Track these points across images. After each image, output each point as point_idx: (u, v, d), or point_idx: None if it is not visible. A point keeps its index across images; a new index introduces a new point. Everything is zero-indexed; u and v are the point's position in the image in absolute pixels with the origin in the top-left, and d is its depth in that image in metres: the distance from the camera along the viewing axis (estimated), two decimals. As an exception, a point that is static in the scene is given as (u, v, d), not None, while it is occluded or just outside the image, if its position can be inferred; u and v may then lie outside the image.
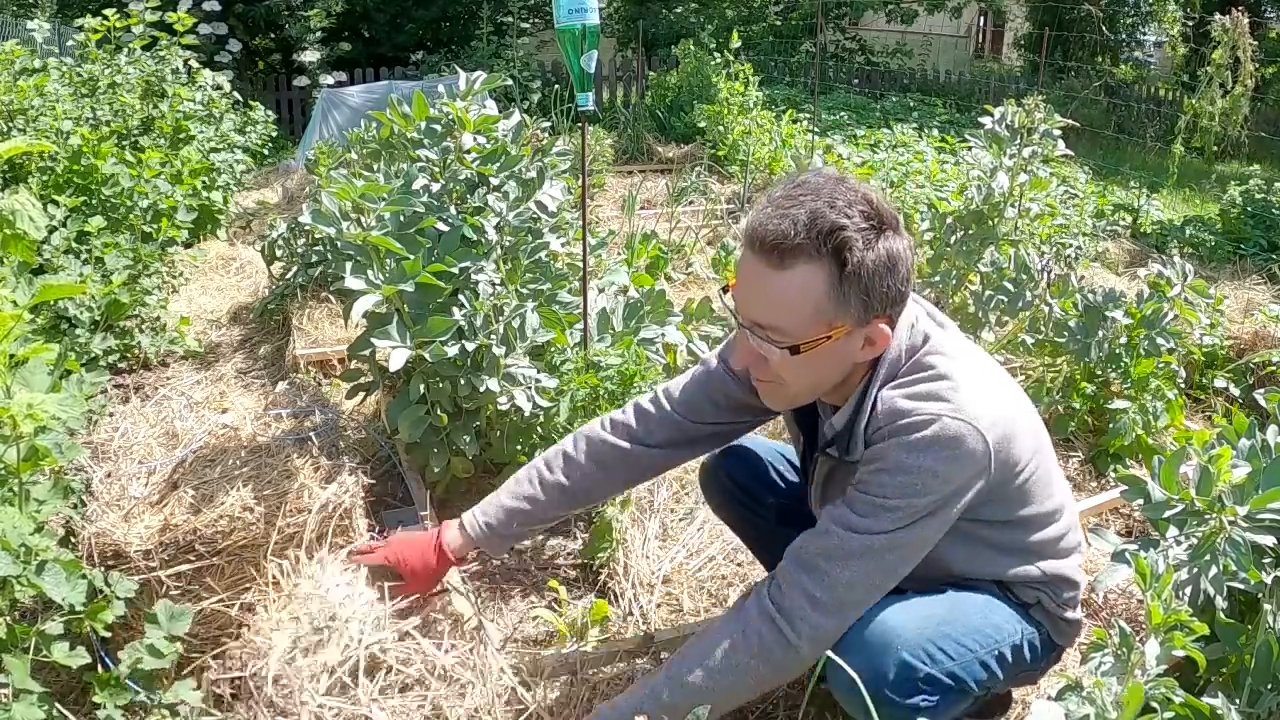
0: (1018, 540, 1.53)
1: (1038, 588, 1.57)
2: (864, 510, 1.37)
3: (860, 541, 1.36)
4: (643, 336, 2.61)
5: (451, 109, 2.47)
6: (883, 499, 1.36)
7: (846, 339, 1.36)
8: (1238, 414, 1.71)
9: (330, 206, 2.12)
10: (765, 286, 1.33)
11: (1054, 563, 1.56)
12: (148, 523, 2.19)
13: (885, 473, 1.35)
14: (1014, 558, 1.54)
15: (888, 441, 1.36)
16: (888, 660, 1.36)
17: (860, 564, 1.37)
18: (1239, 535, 1.45)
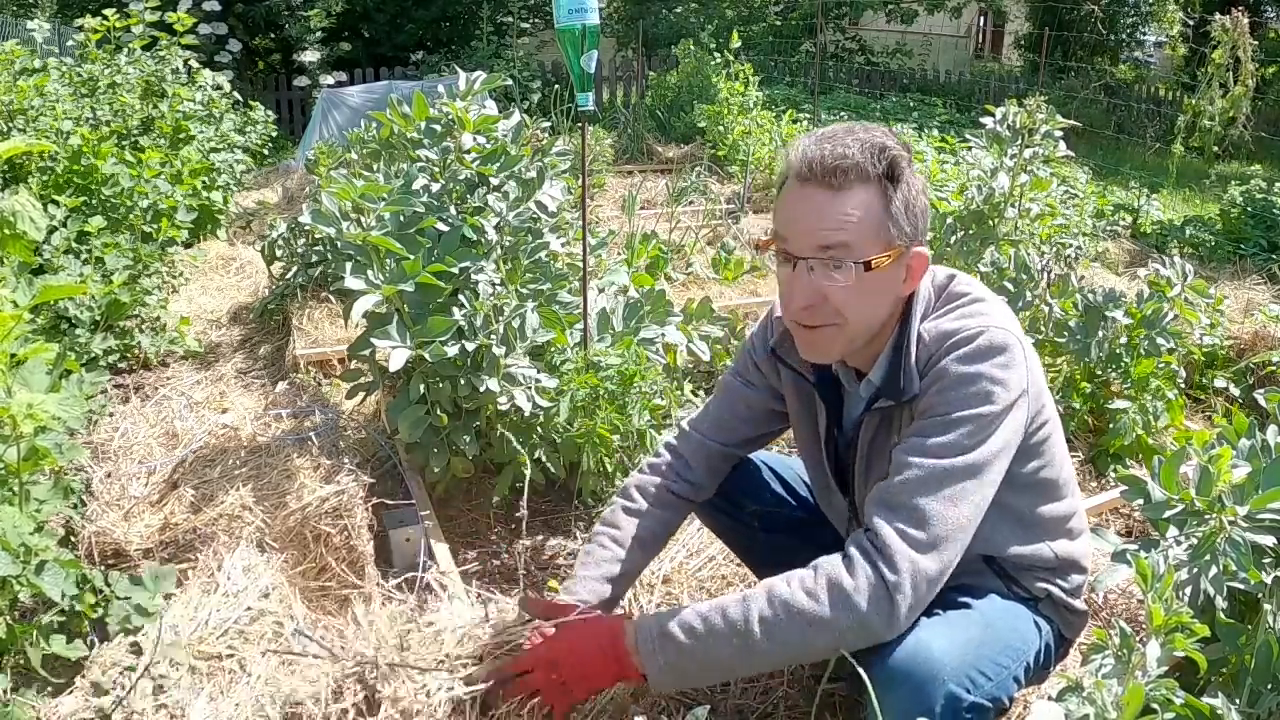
0: (1031, 509, 1.50)
1: (1048, 576, 1.53)
2: (937, 433, 1.34)
3: (944, 466, 1.32)
4: (643, 336, 2.61)
5: (451, 109, 2.47)
6: (953, 416, 1.34)
7: (897, 263, 1.38)
8: (1238, 414, 1.71)
9: (330, 206, 2.12)
10: (829, 210, 1.34)
11: (1064, 544, 1.54)
12: (148, 522, 2.20)
13: (949, 389, 1.35)
14: (1028, 533, 1.51)
15: (943, 361, 1.37)
16: (935, 692, 1.29)
17: (950, 491, 1.32)
18: (1239, 535, 1.45)
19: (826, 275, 1.36)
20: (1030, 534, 1.52)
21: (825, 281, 1.36)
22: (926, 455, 1.34)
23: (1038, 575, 1.53)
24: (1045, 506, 1.52)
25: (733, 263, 4.46)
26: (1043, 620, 1.54)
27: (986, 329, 1.37)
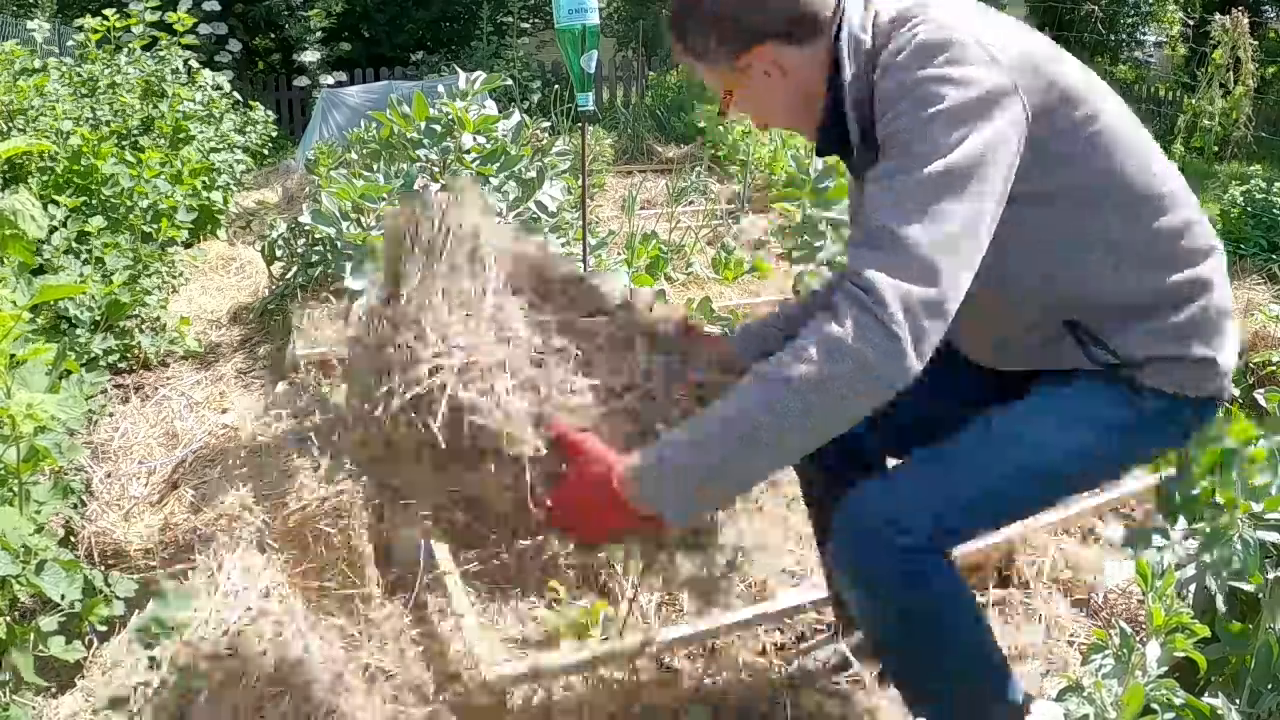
0: (1104, 233, 1.31)
1: (1151, 326, 1.32)
2: (896, 154, 1.21)
3: (912, 181, 1.17)
4: (643, 336, 2.61)
5: (451, 109, 2.47)
6: (903, 130, 1.21)
7: (747, 79, 1.40)
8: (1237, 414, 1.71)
9: (330, 206, 2.12)
10: None
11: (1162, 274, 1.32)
12: (148, 522, 2.20)
13: (901, 99, 1.22)
14: (1108, 267, 1.32)
15: (886, 80, 1.26)
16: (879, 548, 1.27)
17: (925, 206, 1.15)
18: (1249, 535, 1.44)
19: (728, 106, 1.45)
20: (1109, 267, 1.32)
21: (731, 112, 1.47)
22: (892, 178, 1.20)
23: (1130, 328, 1.33)
24: (1126, 218, 1.32)
25: (733, 263, 4.46)
26: (1143, 398, 1.33)
27: (913, 37, 1.25)
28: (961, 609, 1.37)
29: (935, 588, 1.32)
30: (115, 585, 1.78)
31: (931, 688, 1.41)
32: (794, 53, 1.37)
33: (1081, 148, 1.29)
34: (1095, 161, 1.30)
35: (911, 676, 1.43)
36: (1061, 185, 1.30)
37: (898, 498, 1.34)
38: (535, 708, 1.81)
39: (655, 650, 1.92)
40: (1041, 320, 1.38)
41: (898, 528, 1.28)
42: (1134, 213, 1.33)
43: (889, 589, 1.31)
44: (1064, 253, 1.33)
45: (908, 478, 1.39)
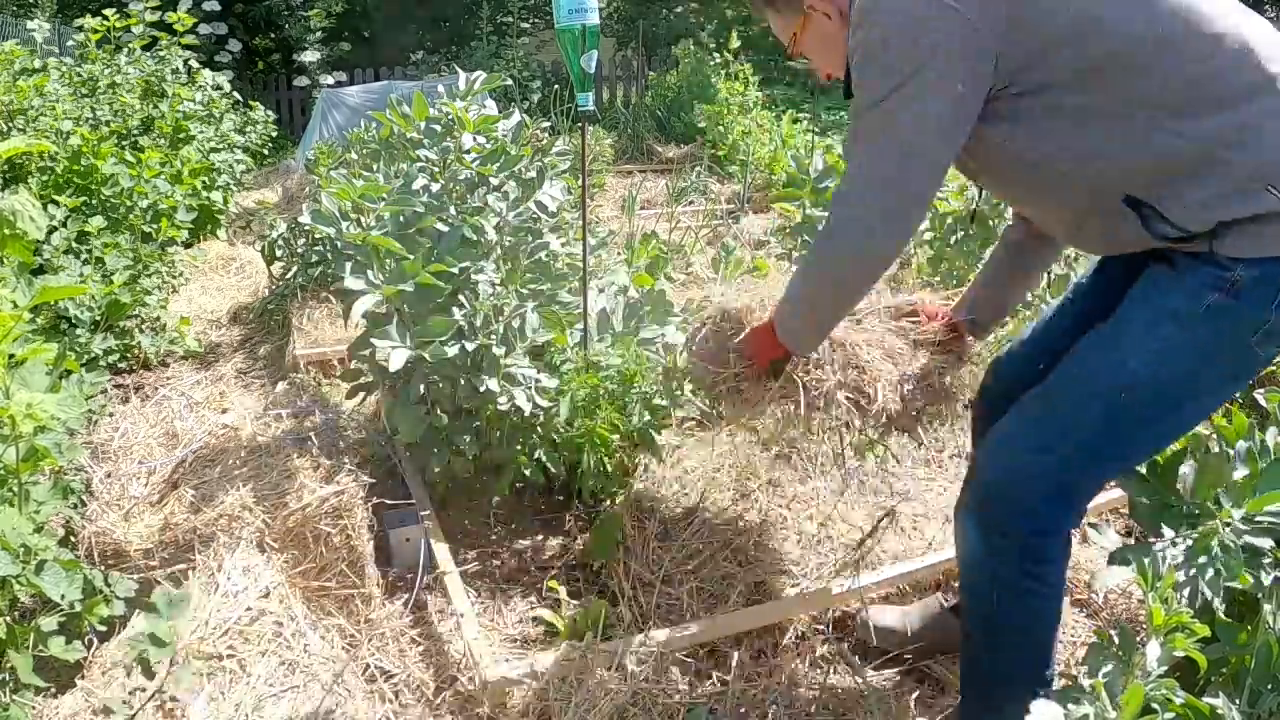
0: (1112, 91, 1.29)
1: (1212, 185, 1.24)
2: (854, 101, 1.47)
3: (858, 123, 1.45)
4: (643, 336, 2.61)
5: (451, 109, 2.46)
6: (858, 81, 1.44)
7: (811, 23, 1.64)
8: (1237, 414, 1.71)
9: (330, 206, 2.12)
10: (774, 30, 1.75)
11: (1204, 119, 1.24)
12: (148, 522, 2.20)
13: (853, 53, 1.45)
14: (1146, 133, 1.28)
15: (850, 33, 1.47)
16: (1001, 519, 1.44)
17: (856, 149, 1.46)
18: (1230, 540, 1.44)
19: (802, 59, 1.73)
20: (1140, 130, 1.28)
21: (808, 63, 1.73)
22: (851, 120, 1.49)
23: (1186, 190, 1.27)
24: (1140, 83, 1.28)
25: (732, 263, 4.46)
26: (1228, 270, 1.26)
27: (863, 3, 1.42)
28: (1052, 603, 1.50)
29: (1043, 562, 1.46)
30: (115, 585, 1.78)
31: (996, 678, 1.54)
32: None
33: (1069, 26, 1.31)
34: (1090, 36, 1.30)
35: (982, 660, 1.57)
36: (1062, 69, 1.32)
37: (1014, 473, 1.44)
38: (535, 708, 1.81)
39: (654, 650, 1.92)
40: (1096, 203, 1.38)
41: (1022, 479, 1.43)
42: (1151, 68, 1.27)
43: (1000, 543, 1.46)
44: (1092, 129, 1.32)
45: (1016, 447, 1.46)
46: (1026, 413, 1.47)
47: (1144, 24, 1.28)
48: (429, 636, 2.09)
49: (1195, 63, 1.26)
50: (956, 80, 1.34)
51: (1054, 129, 1.35)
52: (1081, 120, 1.32)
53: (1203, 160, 1.25)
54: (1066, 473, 1.40)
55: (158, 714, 1.70)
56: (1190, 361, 1.31)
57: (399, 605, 2.17)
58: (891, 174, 1.41)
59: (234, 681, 1.81)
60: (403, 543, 2.30)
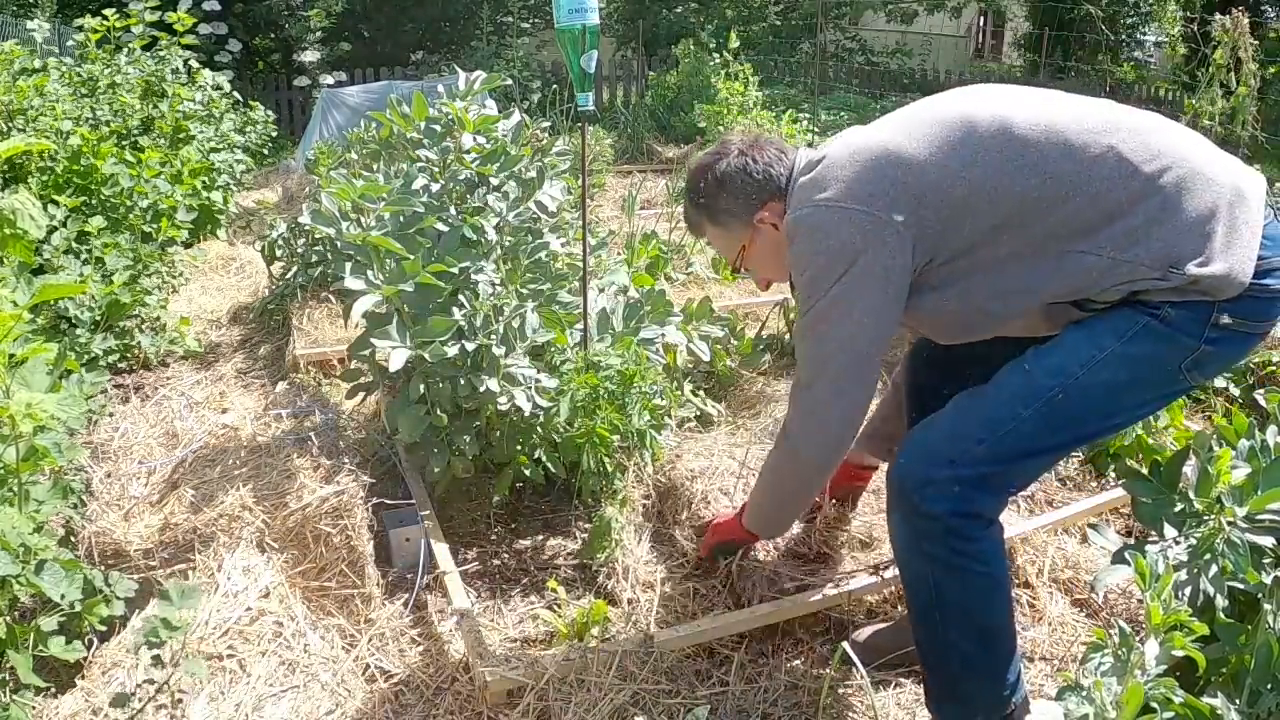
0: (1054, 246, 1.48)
1: (1143, 276, 1.43)
2: (798, 303, 1.68)
3: (801, 323, 1.68)
4: (643, 336, 2.61)
5: (451, 109, 2.47)
6: (798, 285, 1.67)
7: (757, 235, 1.80)
8: (1237, 414, 1.71)
9: (330, 206, 2.12)
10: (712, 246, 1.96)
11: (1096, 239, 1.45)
12: (148, 522, 2.20)
13: (793, 273, 1.71)
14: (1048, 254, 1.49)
15: None
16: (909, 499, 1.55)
17: (811, 336, 1.66)
18: (1237, 536, 1.45)
19: (748, 271, 1.91)
20: (1056, 258, 1.49)
21: (749, 277, 1.94)
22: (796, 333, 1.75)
23: (1102, 287, 1.47)
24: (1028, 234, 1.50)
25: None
26: (1155, 309, 1.44)
27: (792, 218, 1.66)
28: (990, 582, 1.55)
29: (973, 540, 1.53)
30: (115, 585, 1.78)
31: (948, 658, 1.59)
32: (781, 207, 1.75)
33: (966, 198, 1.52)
34: (986, 202, 1.51)
35: (933, 642, 1.61)
36: (971, 232, 1.53)
37: (933, 453, 1.55)
38: (535, 708, 1.81)
39: (654, 650, 1.92)
40: (1028, 318, 1.59)
41: (933, 488, 1.52)
42: (1048, 211, 1.48)
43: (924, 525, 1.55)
44: (1010, 271, 1.53)
45: (940, 435, 1.58)
46: (960, 406, 1.60)
47: (1032, 180, 1.49)
48: (429, 636, 2.09)
49: (1084, 193, 1.46)
50: (882, 272, 1.56)
51: (978, 283, 1.56)
52: (1000, 268, 1.54)
53: (1111, 267, 1.45)
54: (991, 464, 1.51)
55: (159, 713, 1.70)
56: (1126, 372, 1.47)
57: (399, 605, 2.17)
58: (837, 359, 1.63)
59: (234, 681, 1.81)
60: (403, 543, 2.30)
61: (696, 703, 1.83)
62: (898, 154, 1.58)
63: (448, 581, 2.12)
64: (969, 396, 1.59)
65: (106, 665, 1.79)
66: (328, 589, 2.12)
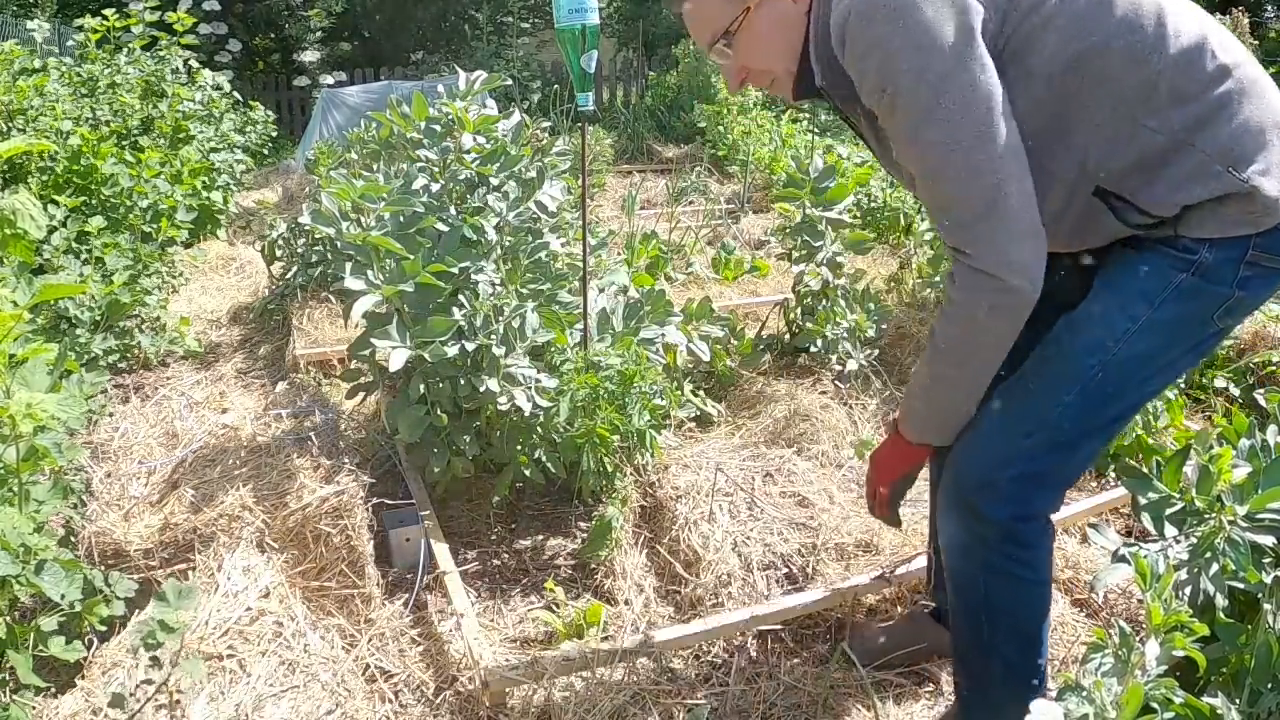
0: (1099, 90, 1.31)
1: (1161, 169, 1.30)
2: (889, 117, 1.33)
3: (921, 143, 1.31)
4: (643, 336, 2.61)
5: (451, 109, 2.47)
6: (890, 93, 1.30)
7: (759, 9, 1.44)
8: (1238, 414, 1.71)
9: (330, 206, 2.12)
10: (688, 19, 1.51)
11: (1170, 112, 1.29)
12: (148, 522, 2.20)
13: (864, 78, 1.33)
14: (1118, 124, 1.31)
15: (846, 55, 1.35)
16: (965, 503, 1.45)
17: (942, 158, 1.29)
18: (1238, 535, 1.45)
19: (725, 56, 1.50)
20: (1112, 124, 1.32)
21: (728, 61, 1.51)
22: (906, 150, 1.35)
23: (1155, 180, 1.32)
24: (1110, 77, 1.31)
25: (733, 263, 4.46)
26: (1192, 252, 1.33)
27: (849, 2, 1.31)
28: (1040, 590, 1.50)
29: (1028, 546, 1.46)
30: (115, 585, 1.78)
31: (990, 664, 1.54)
32: None
33: (1042, 33, 1.32)
34: (1061, 38, 1.31)
35: (977, 647, 1.55)
36: (1032, 65, 1.32)
37: (987, 456, 1.45)
38: (535, 708, 1.81)
39: (654, 650, 1.92)
40: (1069, 196, 1.39)
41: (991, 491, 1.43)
42: (1117, 67, 1.31)
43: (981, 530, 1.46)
44: (1064, 123, 1.34)
45: (989, 434, 1.47)
46: (1000, 404, 1.48)
47: (1116, 23, 1.31)
48: (429, 636, 2.09)
49: (1160, 59, 1.31)
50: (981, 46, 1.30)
51: (1041, 102, 1.34)
52: (1063, 104, 1.34)
53: (1170, 150, 1.31)
54: (1045, 456, 1.43)
55: (159, 713, 1.70)
56: (1161, 338, 1.37)
57: (399, 605, 2.17)
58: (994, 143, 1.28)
59: (234, 681, 1.81)
60: (403, 543, 2.30)
61: (696, 703, 1.83)
62: None
63: (448, 581, 2.12)
64: (1006, 392, 1.47)
65: (106, 665, 1.79)
66: (328, 589, 2.12)
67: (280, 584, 2.06)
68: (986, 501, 1.44)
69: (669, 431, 2.68)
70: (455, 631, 2.05)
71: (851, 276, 3.30)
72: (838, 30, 1.34)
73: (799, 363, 3.28)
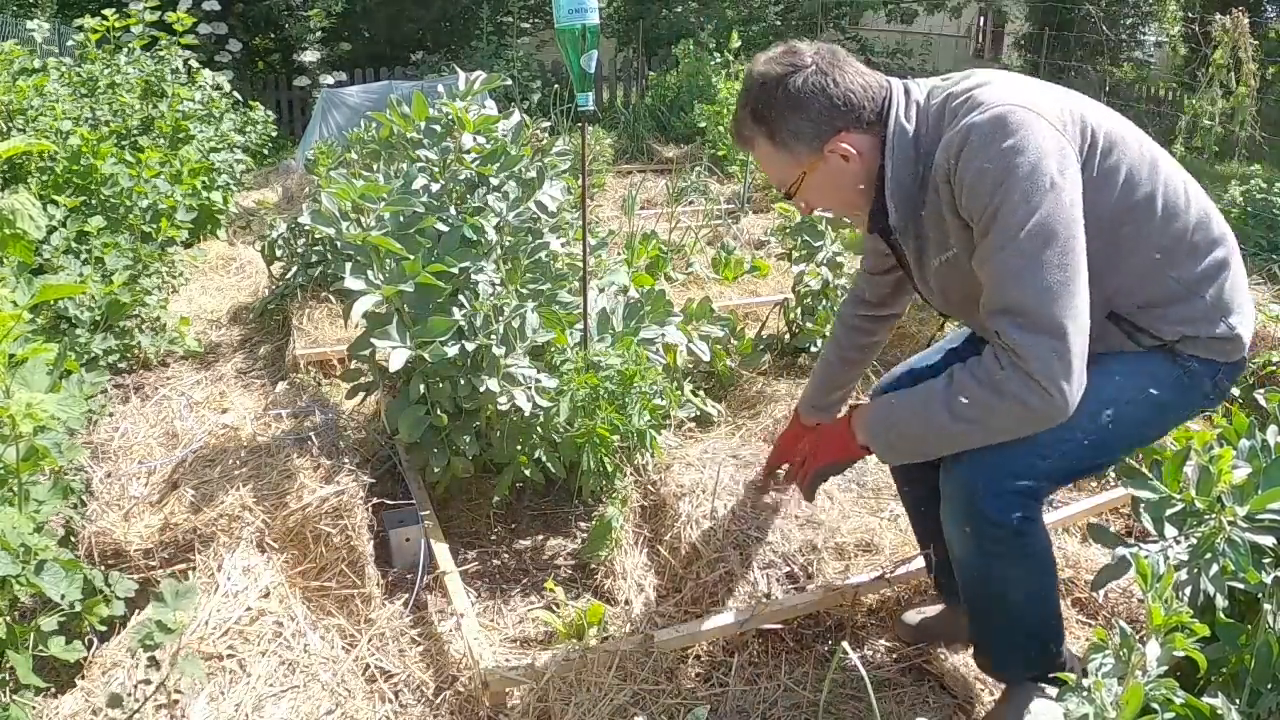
0: (1134, 240, 1.54)
1: (1180, 311, 1.56)
2: (990, 228, 1.45)
3: (1012, 250, 1.43)
4: (643, 336, 2.61)
5: (451, 109, 2.46)
6: (992, 206, 1.44)
7: (824, 163, 1.62)
8: (1238, 414, 1.71)
9: (330, 206, 2.12)
10: (760, 163, 1.72)
11: (1188, 266, 1.56)
12: (148, 522, 2.20)
13: (980, 182, 1.45)
14: (1140, 270, 1.55)
15: (959, 164, 1.47)
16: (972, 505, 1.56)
17: (1031, 267, 1.42)
18: (1238, 536, 1.45)
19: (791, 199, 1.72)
20: (1143, 270, 1.56)
21: (793, 204, 1.75)
22: (994, 253, 1.46)
23: (1167, 316, 1.57)
24: (1150, 230, 1.54)
25: (733, 263, 4.46)
26: (1185, 361, 1.59)
27: (974, 122, 1.46)
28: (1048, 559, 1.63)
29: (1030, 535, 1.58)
30: (115, 585, 1.78)
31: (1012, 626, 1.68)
32: (865, 138, 1.60)
33: (1110, 182, 1.53)
34: (1122, 190, 1.53)
35: (994, 611, 1.69)
36: (1097, 212, 1.50)
37: (1002, 467, 1.56)
38: (534, 708, 1.81)
39: (654, 650, 1.92)
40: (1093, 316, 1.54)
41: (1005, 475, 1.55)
42: (1158, 222, 1.55)
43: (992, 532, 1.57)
44: (1103, 263, 1.52)
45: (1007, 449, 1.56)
46: None
47: (1159, 188, 1.55)
48: (429, 636, 2.09)
49: (1186, 217, 1.57)
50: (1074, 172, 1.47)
51: (1090, 239, 1.49)
52: (1111, 246, 1.54)
53: (1182, 295, 1.57)
54: (1052, 477, 1.60)
55: (159, 713, 1.70)
56: (1155, 414, 1.62)
57: (399, 605, 2.17)
58: (1074, 283, 1.44)
59: (234, 681, 1.81)
60: (403, 543, 2.30)
61: (696, 703, 1.83)
62: (1080, 99, 1.58)
63: (448, 581, 2.12)
64: None
65: (106, 665, 1.79)
66: (328, 589, 2.12)
67: (280, 584, 2.06)
68: (998, 508, 1.55)
69: (669, 431, 2.67)
70: (455, 631, 2.05)
71: (851, 276, 3.30)
72: (953, 146, 1.48)
73: (799, 363, 3.28)
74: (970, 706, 1.87)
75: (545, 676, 1.82)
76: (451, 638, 2.05)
